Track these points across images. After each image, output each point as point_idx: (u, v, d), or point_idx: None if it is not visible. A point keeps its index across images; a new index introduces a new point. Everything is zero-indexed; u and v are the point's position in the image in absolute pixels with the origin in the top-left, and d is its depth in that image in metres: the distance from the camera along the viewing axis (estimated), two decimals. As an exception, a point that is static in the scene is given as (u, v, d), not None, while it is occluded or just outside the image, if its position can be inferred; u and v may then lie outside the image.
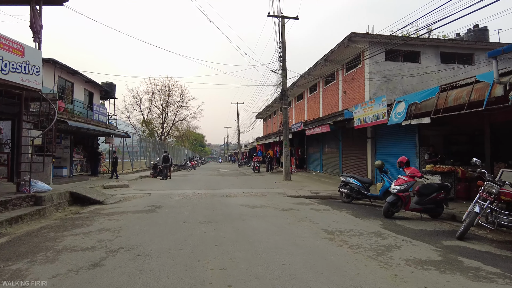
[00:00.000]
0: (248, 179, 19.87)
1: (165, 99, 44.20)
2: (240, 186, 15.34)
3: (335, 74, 19.98)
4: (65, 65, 15.43)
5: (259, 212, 7.87)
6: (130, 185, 16.13)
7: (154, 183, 17.17)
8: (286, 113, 18.73)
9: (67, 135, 17.52)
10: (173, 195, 11.56)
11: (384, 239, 5.43)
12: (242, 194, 11.85)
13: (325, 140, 21.21)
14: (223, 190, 13.41)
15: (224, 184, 16.59)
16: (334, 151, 19.81)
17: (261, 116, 45.62)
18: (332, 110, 19.96)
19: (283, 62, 18.58)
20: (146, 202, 9.91)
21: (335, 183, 16.37)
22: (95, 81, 19.26)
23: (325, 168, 21.35)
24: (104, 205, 9.32)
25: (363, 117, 13.47)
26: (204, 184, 16.65)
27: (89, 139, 20.67)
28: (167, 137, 47.91)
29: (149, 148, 33.31)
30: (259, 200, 10.26)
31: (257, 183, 17.12)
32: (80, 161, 19.30)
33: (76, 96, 17.84)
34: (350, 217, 7.44)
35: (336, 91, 19.88)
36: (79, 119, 16.29)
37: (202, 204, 9.39)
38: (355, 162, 17.08)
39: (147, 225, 6.40)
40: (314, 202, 10.24)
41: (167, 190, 13.39)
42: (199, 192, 12.45)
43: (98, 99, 21.09)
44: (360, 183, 10.18)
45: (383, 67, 15.88)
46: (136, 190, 13.73)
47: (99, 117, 18.97)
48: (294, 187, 14.68)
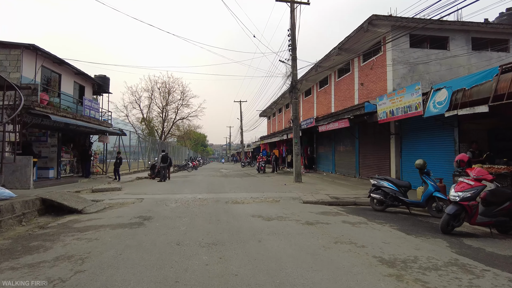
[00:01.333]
0: (254, 181, 18.05)
1: (166, 97, 42.46)
2: (247, 189, 13.54)
3: (350, 65, 18.14)
4: (48, 53, 13.65)
5: (278, 227, 6.06)
6: (123, 187, 14.36)
7: (150, 186, 15.40)
8: (296, 107, 16.90)
9: (53, 132, 15.77)
10: (169, 201, 9.77)
11: (476, 276, 3.61)
12: (250, 200, 10.04)
13: (338, 138, 19.37)
14: (227, 194, 11.61)
15: (229, 186, 14.78)
16: (349, 150, 17.96)
17: (265, 114, 43.79)
18: (347, 104, 18.11)
19: (293, 51, 16.76)
20: (135, 211, 8.11)
21: (352, 185, 14.56)
22: (86, 73, 17.48)
23: (339, 168, 19.50)
24: (82, 215, 7.54)
25: (390, 109, 11.63)
26: (206, 186, 14.86)
27: (81, 137, 18.92)
28: (168, 136, 46.16)
29: (148, 147, 31.58)
30: (273, 208, 8.44)
31: (265, 185, 15.30)
32: (70, 161, 17.54)
33: (64, 89, 16.09)
34: (399, 235, 5.61)
35: (351, 83, 18.03)
36: (66, 114, 14.53)
37: (204, 214, 7.58)
38: (375, 161, 15.24)
39: (126, 249, 4.61)
40: (340, 210, 8.41)
41: (163, 195, 11.60)
42: (200, 197, 10.65)
43: (91, 94, 19.33)
44: (396, 187, 8.34)
45: (407, 54, 14.04)
46: (128, 194, 11.95)
47: (91, 113, 17.21)
48: (309, 190, 12.86)
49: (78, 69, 16.55)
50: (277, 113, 38.03)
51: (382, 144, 14.54)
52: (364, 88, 16.55)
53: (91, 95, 19.34)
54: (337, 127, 15.00)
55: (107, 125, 19.33)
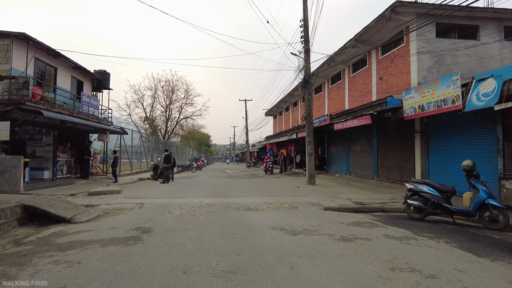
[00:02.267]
0: (264, 183, 16.85)
1: (169, 95, 41.43)
2: (257, 192, 12.34)
3: (367, 58, 16.90)
4: (41, 43, 12.52)
5: (309, 245, 4.85)
6: (123, 190, 13.21)
7: (152, 188, 14.25)
8: (309, 103, 15.68)
9: (49, 130, 14.66)
10: (173, 207, 8.59)
11: None
12: (265, 206, 8.83)
13: (353, 137, 18.13)
14: (237, 198, 10.41)
15: (237, 189, 13.60)
16: (366, 150, 16.71)
17: (271, 113, 42.60)
18: (363, 100, 16.87)
19: (306, 43, 15.55)
20: (133, 219, 6.94)
21: (372, 188, 13.32)
22: (85, 68, 16.37)
23: (353, 169, 18.25)
24: (71, 225, 6.38)
25: (419, 104, 10.38)
26: (212, 189, 13.68)
27: (79, 136, 17.82)
28: (171, 136, 45.11)
29: (151, 147, 30.51)
30: (294, 218, 7.24)
31: (276, 188, 14.10)
32: (67, 162, 16.44)
33: (60, 84, 14.98)
34: (468, 257, 4.37)
35: (368, 78, 16.79)
36: (62, 111, 13.42)
37: (213, 224, 6.39)
38: (396, 162, 13.99)
39: (115, 281, 3.42)
40: (373, 220, 7.18)
41: (166, 199, 10.43)
42: (207, 202, 9.47)
43: (90, 90, 18.22)
44: (438, 192, 7.10)
45: (433, 44, 12.78)
46: (127, 198, 10.80)
47: (89, 109, 16.10)
48: (326, 194, 11.65)
49: (75, 62, 15.44)
50: (284, 112, 36.81)
51: (405, 143, 13.30)
52: (383, 82, 15.29)
53: (90, 91, 18.24)
54: (356, 124, 13.76)
55: (107, 123, 18.22)
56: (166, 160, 17.14)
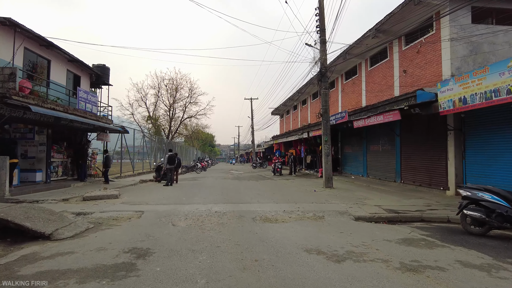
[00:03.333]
0: (275, 186, 15.52)
1: (173, 94, 40.17)
2: (271, 197, 11.02)
3: (388, 50, 15.51)
4: (30, 31, 11.25)
5: (364, 280, 3.51)
6: (123, 194, 11.96)
7: (155, 191, 12.97)
8: (326, 99, 14.31)
9: (42, 128, 13.43)
10: (177, 216, 7.29)
11: None
12: (285, 215, 7.49)
13: (372, 136, 16.74)
14: (251, 205, 9.08)
15: (247, 193, 12.28)
16: (387, 150, 15.31)
17: (277, 112, 41.22)
18: (384, 96, 15.49)
19: (322, 33, 14.20)
20: (127, 235, 5.63)
21: (397, 192, 11.95)
22: (82, 61, 15.11)
23: (372, 171, 16.85)
24: (49, 244, 5.10)
25: (460, 96, 8.99)
26: (220, 192, 12.37)
27: (76, 135, 16.58)
28: (175, 136, 43.88)
29: (155, 147, 29.28)
30: (327, 233, 5.89)
31: (290, 191, 12.77)
32: (63, 162, 15.20)
33: (54, 78, 13.74)
34: None
35: (389, 71, 15.39)
36: (55, 107, 12.17)
37: (229, 244, 5.06)
38: (424, 163, 12.58)
39: None
40: (425, 235, 5.81)
41: (170, 205, 9.13)
42: (217, 210, 8.15)
43: (88, 85, 16.98)
44: (506, 201, 5.73)
45: (468, 32, 11.36)
46: (125, 204, 9.52)
47: (87, 106, 14.86)
48: (349, 199, 10.31)
49: (71, 55, 14.20)
50: (291, 110, 35.42)
51: (434, 142, 11.90)
52: (407, 75, 13.89)
53: (88, 87, 17.00)
54: (381, 121, 12.35)
55: (106, 121, 16.98)
56: (169, 161, 15.87)
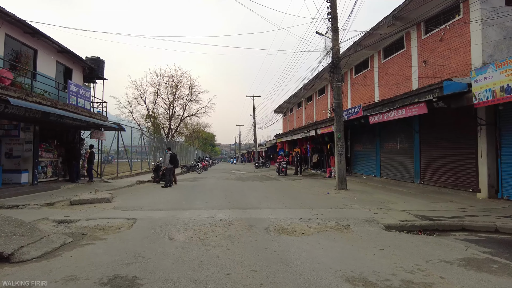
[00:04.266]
0: (282, 187, 14.36)
1: (173, 91, 39.01)
2: (282, 200, 9.85)
3: (405, 40, 14.32)
4: (13, 16, 10.04)
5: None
6: (116, 196, 10.81)
7: (152, 194, 11.82)
8: (338, 92, 13.13)
9: (28, 124, 12.26)
10: (175, 226, 6.12)
11: None
12: (303, 225, 6.31)
13: (386, 133, 15.55)
14: (260, 211, 7.90)
15: (254, 195, 11.11)
16: (404, 148, 14.11)
17: (280, 110, 40.01)
18: (399, 89, 14.31)
19: (334, 20, 13.02)
20: (111, 255, 4.46)
21: (418, 194, 10.78)
22: (73, 52, 13.93)
23: (386, 171, 15.66)
24: (6, 269, 3.93)
25: (503, 85, 7.78)
26: (223, 195, 11.20)
27: (69, 133, 15.42)
28: (175, 135, 42.70)
29: (154, 146, 28.15)
30: (365, 250, 4.72)
31: (301, 194, 11.62)
32: (53, 162, 14.03)
33: (42, 70, 12.58)
34: None
35: (406, 63, 14.21)
36: (41, 100, 11.02)
37: (242, 270, 3.88)
38: (448, 162, 11.41)
39: None
40: (489, 253, 4.64)
41: (167, 211, 7.96)
42: (222, 218, 6.98)
43: (80, 79, 15.81)
44: None
45: (502, 14, 10.17)
46: (117, 209, 8.36)
47: (79, 101, 13.70)
48: (370, 203, 9.16)
49: (61, 45, 13.02)
50: (295, 108, 34.21)
51: (462, 138, 10.73)
52: (428, 66, 12.70)
53: (81, 81, 15.83)
54: (402, 116, 11.12)
55: (101, 117, 15.82)
56: (171, 161, 14.75)
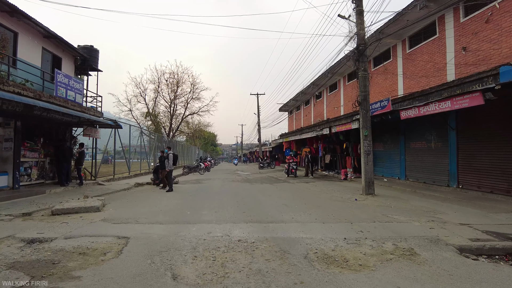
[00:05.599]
0: (298, 191, 12.73)
1: (174, 89, 37.38)
2: (305, 209, 8.21)
3: (437, 25, 12.69)
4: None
5: None
6: (108, 203, 9.21)
7: (151, 200, 10.20)
8: (365, 83, 11.49)
9: (7, 119, 10.63)
10: (181, 253, 4.47)
11: None
12: (355, 251, 4.65)
13: (412, 130, 13.90)
14: (286, 226, 6.25)
15: (270, 202, 9.47)
16: (437, 147, 12.45)
17: (286, 109, 38.37)
18: (429, 81, 12.73)
19: (358, 1, 11.40)
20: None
21: (461, 201, 9.12)
22: (62, 38, 12.26)
23: (412, 173, 14.01)
24: None
25: None
26: (234, 201, 9.56)
27: (59, 130, 13.78)
28: (176, 134, 41.07)
29: (154, 145, 26.54)
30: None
31: (322, 200, 10.00)
32: (39, 163, 12.40)
33: (24, 57, 10.93)
34: None
35: (439, 51, 12.57)
36: (21, 91, 9.40)
37: None
38: (497, 163, 9.78)
39: None
40: None
41: (169, 225, 6.33)
42: (241, 237, 5.34)
43: (72, 70, 14.16)
44: None
45: None
46: (107, 222, 6.74)
47: (68, 94, 12.08)
48: (414, 213, 7.57)
49: (47, 28, 11.38)
50: (302, 106, 32.55)
51: None
52: (468, 53, 11.06)
53: (72, 72, 14.17)
54: (446, 109, 9.44)
55: (95, 113, 14.18)
56: (174, 161, 13.23)
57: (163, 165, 13.30)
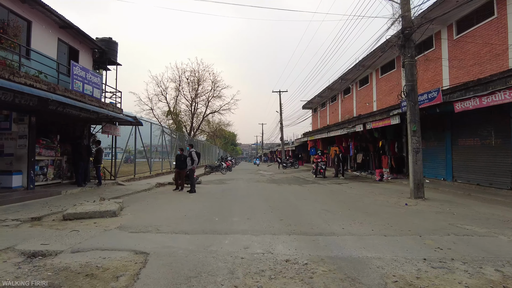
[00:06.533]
0: (335, 194, 11.46)
1: (195, 87, 36.73)
2: (353, 216, 6.97)
3: (495, 4, 11.12)
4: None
5: None
6: (126, 206, 8.30)
7: (173, 201, 9.26)
8: (412, 71, 10.13)
9: (21, 115, 9.92)
10: (215, 280, 3.37)
11: None
12: (448, 280, 3.41)
13: (461, 125, 12.34)
14: (339, 239, 5.05)
15: (307, 207, 8.28)
16: (497, 144, 10.87)
17: (310, 106, 36.89)
18: (483, 70, 11.31)
19: (405, -21, 10.03)
20: None
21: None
22: (79, 28, 11.50)
23: (462, 173, 12.44)
24: None
25: None
26: (267, 206, 8.42)
27: (76, 127, 13.10)
28: (197, 133, 40.42)
29: (175, 144, 25.84)
30: None
31: (368, 205, 8.70)
32: (56, 161, 11.70)
33: (39, 48, 10.20)
34: None
35: (497, 34, 11.01)
36: (33, 83, 8.63)
37: None
38: None
39: None
40: None
41: (196, 235, 5.27)
42: (288, 256, 4.18)
43: (89, 63, 13.43)
44: None
45: None
46: (123, 230, 5.76)
47: (85, 88, 11.31)
48: (487, 222, 6.17)
49: (63, 18, 10.63)
50: (328, 103, 31.05)
51: None
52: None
53: (90, 65, 13.44)
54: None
55: (114, 109, 13.41)
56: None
57: (181, 165, 12.32)
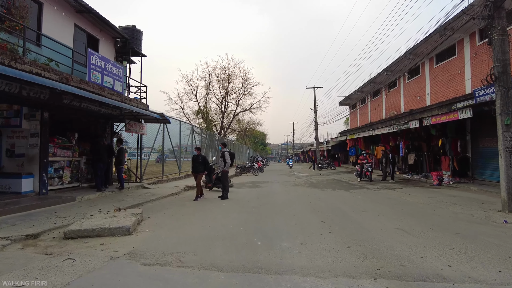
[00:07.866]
0: (395, 202, 9.39)
1: (225, 85, 35.44)
2: (438, 238, 4.97)
3: None
4: None
5: None
6: (147, 218, 6.79)
7: (202, 211, 7.61)
8: (504, 49, 7.82)
9: (32, 110, 8.70)
10: None
11: None
12: None
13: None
14: None
15: (370, 223, 6.34)
16: None
17: (348, 102, 34.30)
18: None
19: None
20: None
21: None
22: (98, 14, 10.19)
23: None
24: None
25: None
26: (319, 221, 6.56)
27: (97, 124, 11.87)
28: (228, 132, 39.16)
29: (205, 144, 24.49)
30: None
31: (446, 220, 6.66)
32: (73, 163, 10.47)
33: (51, 33, 8.92)
34: None
35: None
36: (42, 71, 7.32)
37: None
38: None
39: None
40: None
41: (235, 275, 3.54)
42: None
43: (111, 53, 12.14)
44: None
45: None
46: (135, 261, 4.14)
47: (105, 80, 10.00)
48: None
49: (82, 1, 9.33)
50: (369, 98, 28.48)
51: None
52: None
53: (112, 56, 12.17)
54: None
55: (138, 104, 12.07)
56: (231, 157, 10.65)
57: (198, 167, 10.13)
